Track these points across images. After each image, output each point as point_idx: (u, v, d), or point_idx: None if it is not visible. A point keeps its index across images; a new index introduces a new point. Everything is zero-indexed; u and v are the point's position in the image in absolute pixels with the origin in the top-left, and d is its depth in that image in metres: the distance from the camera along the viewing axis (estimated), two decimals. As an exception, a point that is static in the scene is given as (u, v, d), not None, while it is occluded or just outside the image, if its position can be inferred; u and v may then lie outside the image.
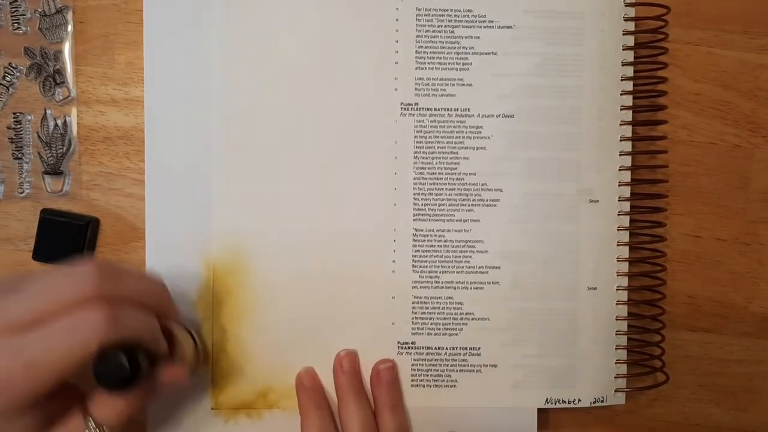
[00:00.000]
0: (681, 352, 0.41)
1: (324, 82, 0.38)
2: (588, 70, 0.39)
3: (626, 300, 0.39)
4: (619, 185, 0.39)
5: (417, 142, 0.39)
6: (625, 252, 0.39)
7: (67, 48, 0.40)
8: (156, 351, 0.31)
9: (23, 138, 0.40)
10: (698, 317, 0.41)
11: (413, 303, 0.39)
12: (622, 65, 0.39)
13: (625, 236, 0.39)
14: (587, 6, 0.39)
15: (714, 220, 0.41)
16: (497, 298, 0.39)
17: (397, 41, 0.39)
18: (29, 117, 0.40)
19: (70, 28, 0.40)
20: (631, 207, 0.39)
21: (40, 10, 0.40)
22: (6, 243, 0.40)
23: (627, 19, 0.39)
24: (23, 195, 0.40)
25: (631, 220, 0.39)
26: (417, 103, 0.39)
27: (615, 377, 0.39)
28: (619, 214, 0.39)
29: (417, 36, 0.39)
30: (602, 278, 0.39)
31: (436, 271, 0.39)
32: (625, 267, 0.39)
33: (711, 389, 0.42)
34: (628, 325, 0.40)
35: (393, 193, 0.39)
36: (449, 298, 0.39)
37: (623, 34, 0.39)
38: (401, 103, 0.39)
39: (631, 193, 0.39)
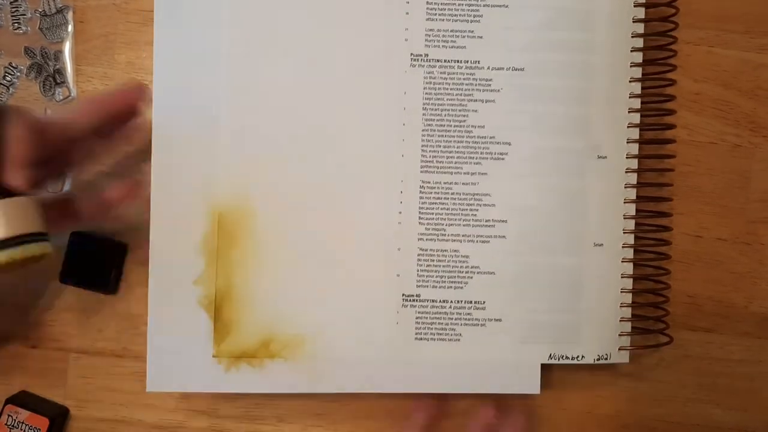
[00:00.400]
0: (681, 351, 0.41)
1: (333, 33, 0.38)
2: (599, 25, 0.39)
3: (632, 258, 0.39)
4: (627, 142, 0.39)
5: (426, 93, 0.39)
6: (631, 209, 0.39)
7: (67, 48, 0.40)
8: None
9: None
10: (699, 317, 0.41)
11: (419, 255, 0.39)
12: (633, 22, 0.39)
13: (632, 193, 0.39)
14: (600, -40, 0.39)
15: (714, 220, 0.41)
16: (503, 252, 0.39)
17: (408, -9, 0.38)
18: None
19: (70, 27, 0.40)
20: (639, 165, 0.39)
21: (40, 10, 0.40)
22: None
23: (639, -24, 0.39)
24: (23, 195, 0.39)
25: (638, 178, 0.39)
26: (427, 54, 0.39)
27: (619, 335, 0.39)
28: (626, 171, 0.39)
29: (429, -14, 0.38)
30: (609, 235, 0.39)
31: (442, 224, 0.39)
32: (631, 224, 0.39)
33: (711, 389, 0.42)
34: (633, 282, 0.39)
35: (401, 143, 0.39)
36: (455, 251, 0.39)
37: (634, -9, 0.39)
38: (411, 54, 0.39)
39: (639, 151, 0.39)
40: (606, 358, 0.39)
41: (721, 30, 0.41)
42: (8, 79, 0.40)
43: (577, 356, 0.39)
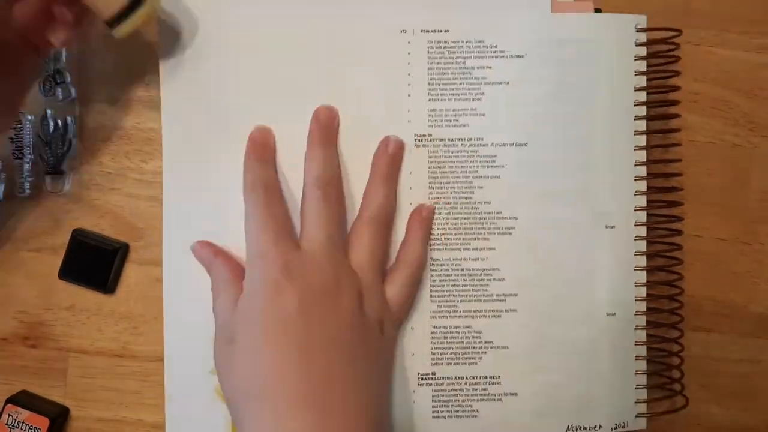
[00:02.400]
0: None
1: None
2: (600, 96, 0.39)
3: (645, 324, 0.39)
4: (635, 210, 0.39)
5: (431, 172, 0.39)
6: (642, 277, 0.39)
7: None
8: None
9: (23, 138, 0.40)
10: (699, 317, 0.41)
11: (432, 333, 0.39)
12: (635, 90, 0.39)
13: (643, 261, 0.39)
14: (598, 33, 0.39)
15: (714, 220, 0.41)
16: (515, 326, 0.39)
17: (409, 74, 0.39)
18: (29, 117, 0.40)
19: None
20: (648, 231, 0.39)
21: None
22: (6, 242, 0.41)
23: (639, 44, 0.39)
24: (24, 195, 0.40)
25: (648, 243, 0.39)
26: (430, 134, 0.39)
27: (636, 402, 0.39)
28: (636, 239, 0.39)
29: (429, 68, 0.39)
30: (621, 304, 0.39)
31: (454, 300, 0.39)
32: (643, 292, 0.39)
33: (711, 389, 0.42)
34: (647, 349, 0.39)
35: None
36: (468, 327, 0.39)
37: (635, 60, 0.39)
38: (415, 135, 0.39)
39: (648, 218, 0.39)
40: (623, 426, 0.39)
41: (721, 30, 0.41)
42: None
43: (595, 426, 0.39)
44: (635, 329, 0.39)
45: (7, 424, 0.39)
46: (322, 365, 0.32)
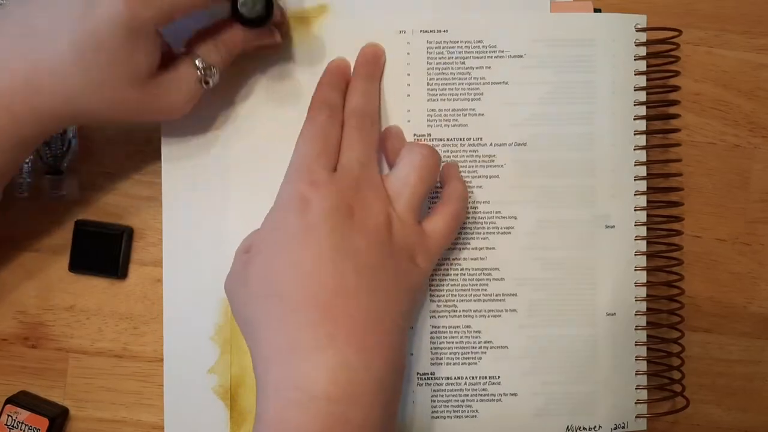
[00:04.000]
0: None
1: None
2: (600, 96, 0.39)
3: (645, 325, 0.39)
4: (635, 210, 0.39)
5: (431, 171, 0.39)
6: (642, 277, 0.39)
7: None
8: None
9: None
10: (698, 317, 0.41)
11: (431, 333, 0.39)
12: (635, 90, 0.39)
13: (643, 261, 0.39)
14: (597, 33, 0.39)
15: (714, 220, 0.41)
16: (515, 326, 0.39)
17: (408, 74, 0.39)
18: None
19: None
20: (648, 231, 0.39)
21: None
22: (6, 242, 0.41)
23: (638, 44, 0.39)
24: (23, 195, 0.40)
25: (648, 243, 0.39)
26: (430, 134, 0.39)
27: (636, 403, 0.39)
28: (636, 239, 0.39)
29: (428, 68, 0.39)
30: (621, 304, 0.39)
31: (454, 300, 0.39)
32: (643, 292, 0.39)
33: (711, 389, 0.42)
34: (648, 350, 0.39)
35: (408, 223, 0.39)
36: (467, 326, 0.39)
37: (635, 59, 0.39)
38: (414, 134, 0.39)
39: (648, 218, 0.39)
40: (623, 427, 0.39)
41: (721, 30, 0.41)
42: None
43: (595, 427, 0.39)
44: (635, 329, 0.39)
45: (6, 424, 0.39)
46: (337, 273, 0.31)
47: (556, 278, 0.39)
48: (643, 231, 0.39)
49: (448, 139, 0.39)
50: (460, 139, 0.39)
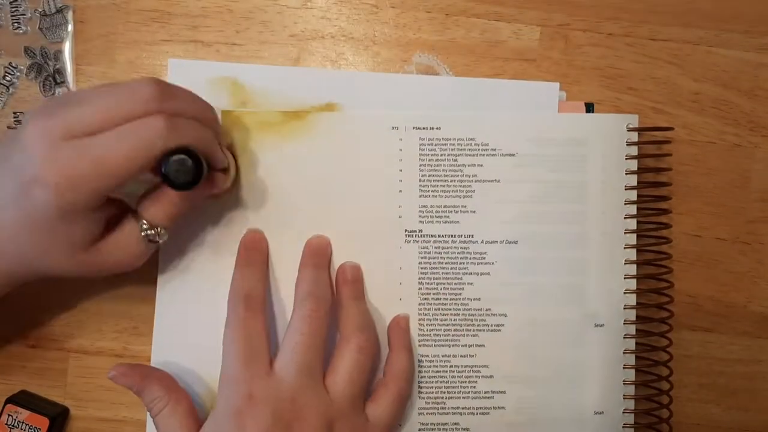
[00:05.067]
0: (681, 351, 0.41)
1: (330, 211, 0.39)
2: (591, 195, 0.39)
3: (633, 423, 0.39)
4: (624, 308, 0.39)
5: (421, 268, 0.39)
6: (631, 375, 0.39)
7: (67, 48, 0.40)
8: (211, 158, 0.34)
9: None
10: (698, 317, 0.41)
11: (419, 429, 0.39)
12: (625, 189, 0.39)
13: (631, 359, 0.39)
14: (589, 133, 0.39)
15: (714, 220, 0.42)
16: (503, 424, 0.39)
17: (400, 170, 0.39)
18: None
19: (70, 27, 0.40)
20: (636, 330, 0.39)
21: (40, 10, 0.40)
22: None
23: (630, 144, 0.39)
24: None
25: (636, 344, 0.39)
26: (421, 230, 0.39)
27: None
28: (625, 338, 0.39)
29: (420, 164, 0.39)
30: (609, 402, 0.39)
31: (442, 397, 0.39)
32: (631, 390, 0.39)
33: (711, 389, 0.42)
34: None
35: (398, 319, 0.39)
36: (455, 424, 0.39)
37: (626, 159, 0.39)
38: (405, 230, 0.39)
39: (637, 317, 0.39)
40: None
41: (720, 30, 0.41)
42: (8, 79, 0.40)
43: None
44: (623, 427, 0.39)
45: (7, 424, 0.39)
46: None
47: (545, 376, 0.39)
48: (632, 329, 0.39)
49: (439, 236, 0.39)
50: (452, 236, 0.39)
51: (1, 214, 0.31)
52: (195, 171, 0.31)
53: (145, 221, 0.33)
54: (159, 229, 0.34)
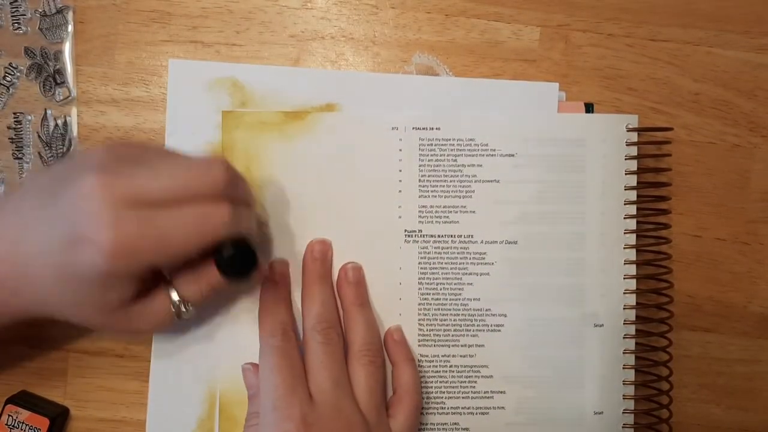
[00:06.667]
0: (681, 351, 0.41)
1: (329, 211, 0.39)
2: (590, 196, 0.39)
3: (633, 423, 0.39)
4: (624, 308, 0.39)
5: (421, 268, 0.39)
6: (630, 375, 0.39)
7: (67, 48, 0.40)
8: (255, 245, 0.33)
9: (23, 138, 0.40)
10: (698, 317, 0.41)
11: (419, 429, 0.39)
12: (625, 189, 0.39)
13: (631, 359, 0.39)
14: (589, 133, 0.39)
15: (714, 220, 0.42)
16: (503, 424, 0.39)
17: (400, 170, 0.39)
18: (29, 117, 0.40)
19: (70, 28, 0.40)
20: (636, 331, 0.39)
21: (40, 10, 0.40)
22: None
23: (629, 144, 0.39)
24: None
25: (636, 345, 0.39)
26: (421, 230, 0.39)
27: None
28: (624, 338, 0.39)
29: (420, 165, 0.39)
30: (608, 402, 0.39)
31: (442, 397, 0.39)
32: (631, 390, 0.39)
33: (711, 389, 0.42)
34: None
35: (398, 319, 0.39)
36: (455, 423, 0.39)
37: (626, 159, 0.39)
38: (405, 230, 0.39)
39: (637, 317, 0.39)
40: None
41: (720, 30, 0.42)
42: (8, 79, 0.40)
43: None
44: (623, 427, 0.39)
45: (7, 424, 0.38)
46: None
47: (545, 376, 0.39)
48: (631, 329, 0.39)
49: (438, 236, 0.39)
50: (451, 236, 0.39)
51: (35, 259, 0.30)
52: (251, 264, 0.32)
53: (178, 296, 0.33)
54: (189, 305, 0.33)
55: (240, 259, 0.32)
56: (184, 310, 0.33)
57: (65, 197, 0.29)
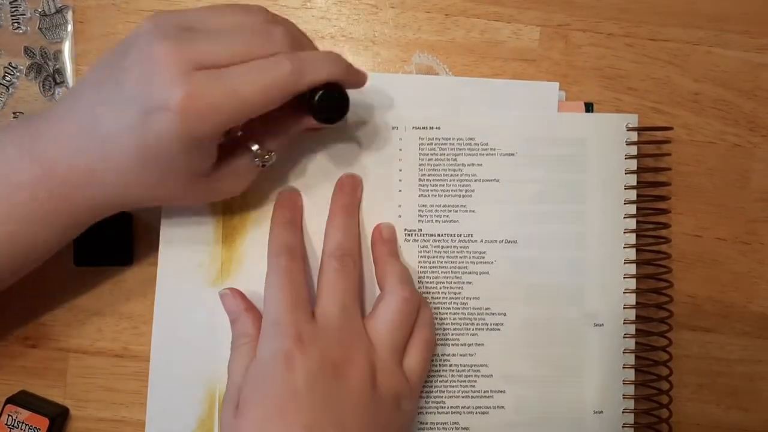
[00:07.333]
0: (681, 351, 0.41)
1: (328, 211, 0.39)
2: (590, 195, 0.39)
3: (632, 423, 0.39)
4: (624, 308, 0.39)
5: (421, 267, 0.39)
6: (630, 375, 0.39)
7: (67, 48, 0.40)
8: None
9: None
10: (698, 317, 0.41)
11: (419, 429, 0.39)
12: (625, 189, 0.39)
13: (631, 359, 0.39)
14: (589, 133, 0.39)
15: (714, 220, 0.42)
16: (503, 423, 0.39)
17: (400, 170, 0.39)
18: None
19: (70, 27, 0.40)
20: (636, 330, 0.39)
21: (40, 10, 0.40)
22: None
23: (629, 144, 0.39)
24: None
25: (636, 344, 0.39)
26: (421, 229, 0.39)
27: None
28: (624, 337, 0.39)
29: (420, 164, 0.39)
30: (608, 402, 0.39)
31: (442, 396, 0.39)
32: (631, 390, 0.39)
33: (711, 389, 0.42)
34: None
35: (397, 318, 0.39)
36: (455, 423, 0.39)
37: (626, 158, 0.39)
38: (405, 230, 0.39)
39: (637, 317, 0.39)
40: None
41: (720, 30, 0.42)
42: (8, 79, 0.40)
43: None
44: (623, 427, 0.39)
45: (6, 424, 0.39)
46: None
47: (544, 376, 0.39)
48: (631, 329, 0.39)
49: (438, 235, 0.39)
50: (451, 235, 0.39)
51: (115, 142, 0.30)
52: (343, 104, 0.33)
53: (256, 146, 0.34)
54: (270, 153, 0.34)
55: (332, 101, 0.32)
56: (267, 157, 0.34)
57: (133, 72, 0.29)
